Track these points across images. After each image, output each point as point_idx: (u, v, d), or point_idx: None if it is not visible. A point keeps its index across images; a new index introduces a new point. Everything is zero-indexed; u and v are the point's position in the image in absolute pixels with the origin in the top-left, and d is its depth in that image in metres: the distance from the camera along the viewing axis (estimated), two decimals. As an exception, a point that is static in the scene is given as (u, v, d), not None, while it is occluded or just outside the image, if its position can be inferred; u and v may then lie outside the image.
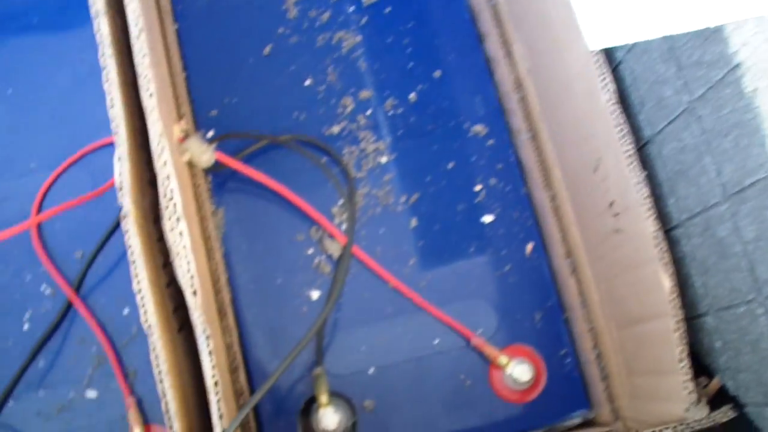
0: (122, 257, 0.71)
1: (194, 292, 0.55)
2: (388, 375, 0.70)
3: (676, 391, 0.58)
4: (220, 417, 0.54)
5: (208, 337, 0.55)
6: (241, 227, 0.71)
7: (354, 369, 0.70)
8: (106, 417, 0.69)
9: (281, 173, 0.72)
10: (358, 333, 0.70)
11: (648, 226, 0.59)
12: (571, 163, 0.70)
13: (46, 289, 0.71)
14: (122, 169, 0.56)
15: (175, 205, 0.56)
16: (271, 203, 0.73)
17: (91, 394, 0.69)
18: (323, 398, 0.67)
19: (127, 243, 0.56)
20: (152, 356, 0.55)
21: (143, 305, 0.55)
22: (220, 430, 0.54)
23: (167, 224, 0.56)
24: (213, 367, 0.54)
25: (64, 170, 0.73)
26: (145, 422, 0.68)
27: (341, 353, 0.70)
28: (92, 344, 0.70)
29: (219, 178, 0.72)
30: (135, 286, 0.55)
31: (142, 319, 0.55)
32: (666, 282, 0.58)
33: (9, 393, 0.69)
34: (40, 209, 0.72)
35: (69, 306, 0.70)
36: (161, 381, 0.54)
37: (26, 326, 0.70)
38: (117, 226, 0.71)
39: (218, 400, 0.54)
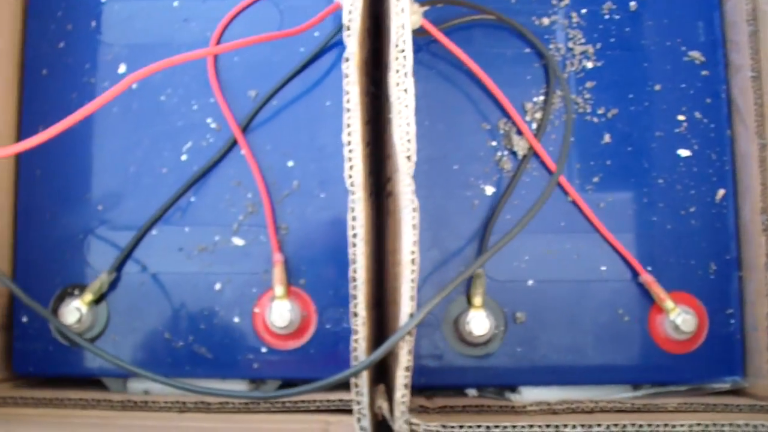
0: (297, 106, 0.67)
1: (408, 158, 0.51)
2: (547, 291, 0.66)
3: None
4: (411, 298, 0.50)
5: (414, 209, 0.50)
6: (427, 102, 0.66)
7: (513, 277, 0.66)
8: (248, 268, 0.65)
9: (476, 55, 0.67)
10: (525, 241, 0.66)
11: None
12: (799, 114, 0.63)
13: (211, 123, 0.67)
14: (353, 9, 0.51)
15: (405, 58, 0.51)
16: (462, 84, 0.68)
17: (238, 241, 0.65)
18: (477, 300, 0.64)
19: (344, 89, 0.51)
20: (349, 217, 0.51)
21: (350, 159, 0.50)
22: (409, 310, 0.50)
23: (393, 78, 0.51)
24: (414, 243, 0.50)
25: (253, 2, 0.68)
26: (287, 283, 0.64)
27: (503, 258, 0.66)
28: (249, 190, 0.66)
29: (414, 45, 0.66)
30: (345, 137, 0.51)
31: (346, 174, 0.51)
32: None
33: (155, 222, 0.66)
34: (221, 38, 0.67)
35: (233, 145, 0.66)
36: (354, 245, 0.50)
37: (184, 157, 0.66)
38: (298, 72, 0.67)
39: (413, 280, 0.50)
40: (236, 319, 0.65)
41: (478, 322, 0.63)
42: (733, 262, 0.68)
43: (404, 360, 0.49)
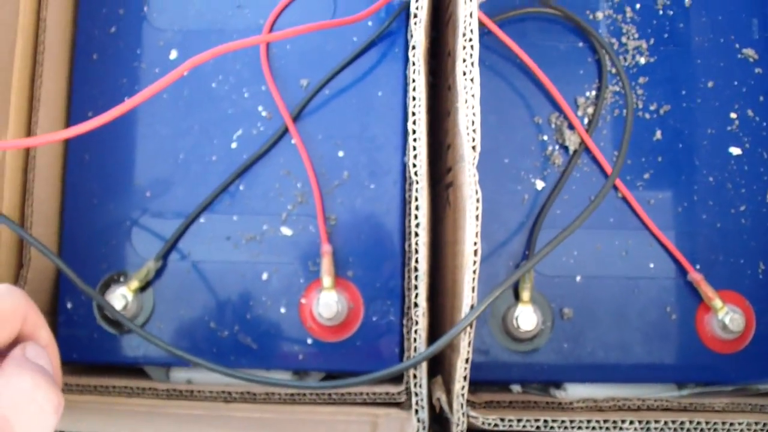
0: (349, 96, 0.66)
1: (473, 147, 0.50)
2: (594, 287, 0.66)
3: None
4: (473, 289, 0.50)
5: (478, 200, 0.50)
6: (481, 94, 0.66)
7: (561, 273, 0.66)
8: (296, 258, 0.65)
9: (528, 47, 0.66)
10: (574, 237, 0.65)
11: None
12: None
13: (262, 111, 0.66)
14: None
15: (472, 47, 0.50)
16: (514, 77, 0.67)
17: (286, 231, 0.65)
18: (525, 295, 0.63)
19: (410, 77, 0.51)
20: (412, 206, 0.51)
21: (415, 147, 0.50)
22: (470, 302, 0.50)
23: (460, 67, 0.51)
24: (477, 234, 0.50)
25: (308, -11, 0.67)
26: (336, 274, 0.63)
27: (551, 254, 0.65)
28: (298, 180, 0.65)
29: (469, 38, 0.66)
30: (410, 126, 0.51)
31: (410, 163, 0.51)
32: None
33: (203, 210, 0.65)
34: (273, 25, 0.67)
35: (284, 133, 0.66)
36: (416, 235, 0.50)
37: (234, 144, 0.66)
38: (351, 61, 0.66)
39: (474, 271, 0.49)
40: (282, 310, 0.65)
41: (526, 317, 0.63)
42: (783, 261, 0.67)
43: (464, 352, 0.49)
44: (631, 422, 0.52)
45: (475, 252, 0.50)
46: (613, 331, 0.66)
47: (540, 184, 0.66)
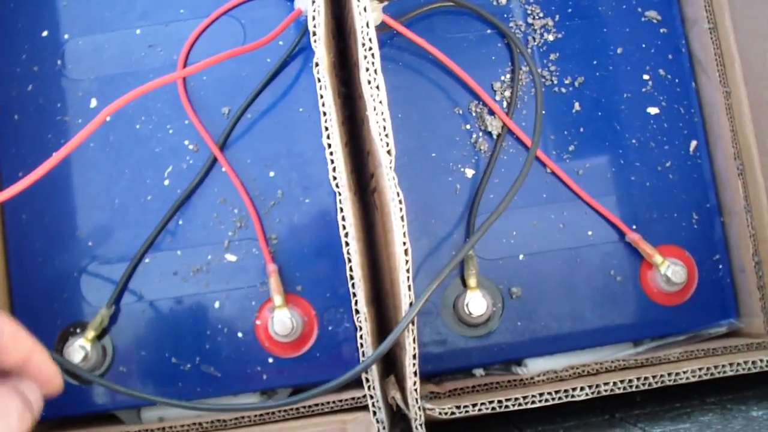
0: (270, 116, 0.67)
1: (389, 152, 0.52)
2: (538, 263, 0.67)
3: None
4: (409, 288, 0.51)
5: (401, 201, 0.51)
6: (397, 95, 0.67)
7: (503, 254, 0.67)
8: (245, 282, 0.66)
9: (440, 42, 0.68)
10: (511, 217, 0.67)
11: None
12: (758, 58, 0.65)
13: (189, 144, 0.67)
14: (317, 15, 0.52)
15: (373, 55, 0.52)
16: (429, 72, 0.69)
17: (231, 257, 0.66)
18: (472, 281, 0.65)
19: (319, 93, 0.52)
20: (339, 217, 0.52)
21: (333, 161, 0.51)
22: (408, 302, 0.51)
23: (364, 76, 0.52)
24: (404, 233, 0.51)
25: (215, 20, 0.68)
26: (284, 292, 0.65)
27: (491, 237, 0.67)
28: (234, 206, 0.66)
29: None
30: (324, 140, 0.52)
31: (331, 175, 0.52)
32: None
33: (146, 250, 0.66)
34: (187, 59, 0.68)
35: (213, 163, 0.67)
36: (347, 244, 0.51)
37: (167, 182, 0.67)
38: (268, 82, 0.67)
39: (408, 270, 0.51)
40: (240, 334, 0.66)
41: (476, 303, 0.64)
42: (713, 209, 0.70)
43: (410, 348, 0.50)
44: (582, 388, 0.54)
45: (406, 251, 0.51)
46: (562, 302, 0.67)
47: (470, 173, 0.68)
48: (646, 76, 0.70)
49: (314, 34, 0.51)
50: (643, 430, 0.54)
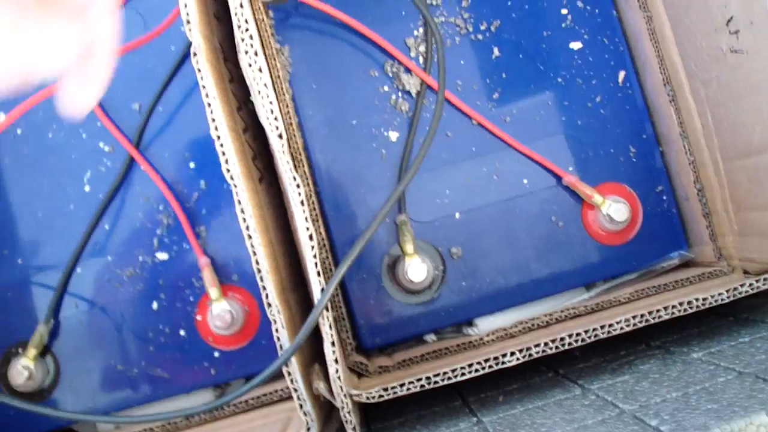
0: (184, 106, 0.65)
1: (280, 135, 0.50)
2: (476, 219, 0.65)
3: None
4: (318, 274, 0.50)
5: (298, 186, 0.49)
6: (309, 66, 0.65)
7: (439, 214, 0.65)
8: (179, 279, 0.65)
9: (346, 5, 0.65)
10: (441, 176, 0.65)
11: (778, 40, 0.52)
12: (674, -22, 0.62)
13: (104, 146, 0.65)
14: (188, 2, 0.49)
15: (251, 37, 0.49)
16: (339, 38, 0.66)
17: (162, 256, 0.65)
18: (408, 247, 0.63)
19: (200, 84, 0.50)
20: (237, 210, 0.50)
21: (224, 153, 0.49)
22: (319, 288, 0.50)
23: (245, 59, 0.50)
24: (306, 219, 0.49)
25: (110, 14, 0.66)
26: (221, 283, 0.63)
27: (424, 198, 0.65)
28: (159, 203, 0.65)
29: (282, 13, 0.65)
30: (213, 132, 0.50)
31: (224, 168, 0.50)
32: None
33: (76, 260, 0.65)
34: (87, 59, 0.65)
35: (130, 163, 0.65)
36: (249, 237, 0.50)
37: (87, 188, 0.65)
38: (175, 71, 0.65)
39: (314, 255, 0.49)
40: (182, 332, 0.65)
41: (415, 269, 0.63)
42: (650, 139, 0.67)
43: (327, 336, 0.49)
44: (512, 353, 0.52)
45: (310, 236, 0.50)
46: (506, 255, 0.66)
47: (394, 135, 0.66)
48: (564, 11, 0.67)
49: (188, 22, 0.48)
50: (582, 387, 0.53)
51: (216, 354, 0.64)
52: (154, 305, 0.65)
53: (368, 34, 0.65)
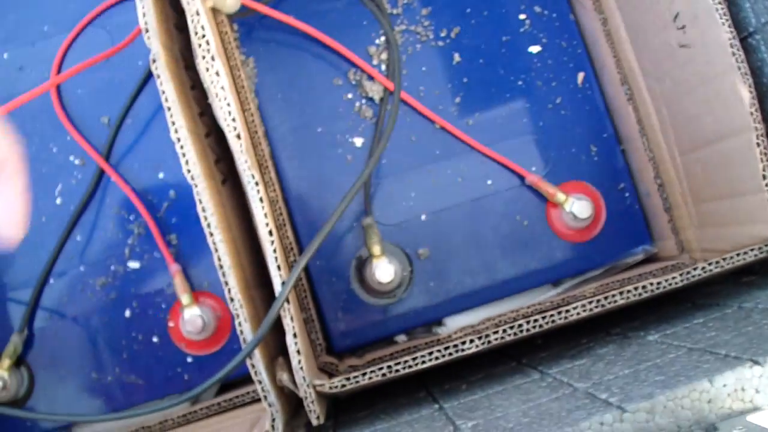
0: (152, 118, 0.67)
1: (238, 135, 0.51)
2: (441, 220, 0.67)
3: (759, 210, 0.54)
4: (279, 268, 0.51)
5: (257, 183, 0.51)
6: (274, 76, 0.67)
7: (405, 217, 0.67)
8: (152, 287, 0.66)
9: (310, 16, 0.67)
10: (407, 179, 0.67)
11: (722, 33, 0.54)
12: (624, -21, 0.64)
13: (75, 160, 0.67)
14: (146, 9, 0.51)
15: (208, 42, 0.51)
16: (303, 48, 0.68)
17: (134, 264, 0.66)
18: (376, 249, 0.64)
19: (160, 89, 0.52)
20: (199, 209, 0.51)
21: (184, 154, 0.51)
22: (280, 281, 0.51)
23: (201, 64, 0.51)
24: (266, 215, 0.51)
25: (81, 31, 0.68)
26: (192, 290, 0.64)
27: (390, 201, 0.67)
28: (130, 213, 0.66)
29: (246, 26, 0.67)
30: (173, 135, 0.51)
31: (185, 169, 0.51)
32: (745, 93, 0.53)
33: (49, 271, 0.66)
34: (59, 72, 0.67)
35: (101, 175, 0.66)
36: (211, 234, 0.51)
37: (58, 200, 0.67)
38: (143, 85, 0.67)
39: (274, 250, 0.50)
40: (155, 339, 0.66)
41: (383, 270, 0.64)
42: (611, 138, 0.69)
43: (289, 328, 0.50)
44: (471, 341, 0.53)
45: (270, 232, 0.51)
46: (473, 255, 0.67)
47: (359, 141, 0.67)
48: (522, 16, 0.69)
49: (147, 30, 0.50)
50: (541, 372, 0.54)
51: (189, 359, 0.65)
52: (127, 313, 0.66)
53: (331, 44, 0.67)
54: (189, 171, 0.50)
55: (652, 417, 0.39)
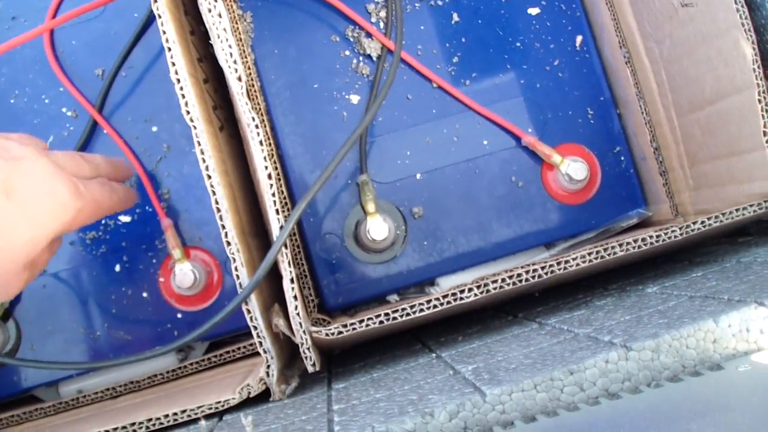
0: (146, 71, 0.66)
1: (239, 78, 0.50)
2: (436, 180, 0.66)
3: (759, 168, 0.55)
4: (277, 212, 0.50)
5: (257, 126, 0.50)
6: (271, 31, 0.66)
7: (400, 175, 0.66)
8: (142, 241, 0.65)
9: (308, -28, 0.66)
10: (403, 137, 0.66)
11: (726, -10, 0.54)
12: (625, -61, 0.64)
13: (67, 111, 0.66)
14: (146, -52, 0.50)
15: (209, -17, 0.50)
16: (300, 4, 0.67)
17: (125, 218, 0.65)
18: (370, 207, 0.64)
19: (160, 29, 0.51)
20: (197, 151, 0.51)
21: (183, 95, 0.50)
22: (278, 225, 0.50)
23: (204, 5, 0.50)
24: (265, 158, 0.50)
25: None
26: (183, 245, 0.64)
27: (386, 160, 0.66)
28: (122, 166, 0.65)
29: (242, -21, 0.66)
30: (173, 76, 0.51)
31: (184, 110, 0.51)
32: (748, 50, 0.53)
33: (38, 222, 0.64)
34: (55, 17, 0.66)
35: (93, 126, 0.65)
36: (209, 177, 0.50)
37: (49, 151, 0.65)
38: (138, 37, 0.66)
39: (273, 194, 0.50)
40: (144, 294, 0.65)
41: (377, 228, 0.63)
42: (608, 101, 0.69)
43: (287, 273, 0.49)
44: (470, 290, 0.53)
45: (269, 175, 0.50)
46: (467, 215, 0.67)
47: (355, 98, 0.67)
48: (521, -23, 0.68)
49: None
50: (540, 323, 0.54)
51: (179, 315, 0.65)
52: (117, 268, 0.65)
53: (329, 0, 0.66)
54: (188, 113, 0.50)
55: (657, 356, 0.39)
